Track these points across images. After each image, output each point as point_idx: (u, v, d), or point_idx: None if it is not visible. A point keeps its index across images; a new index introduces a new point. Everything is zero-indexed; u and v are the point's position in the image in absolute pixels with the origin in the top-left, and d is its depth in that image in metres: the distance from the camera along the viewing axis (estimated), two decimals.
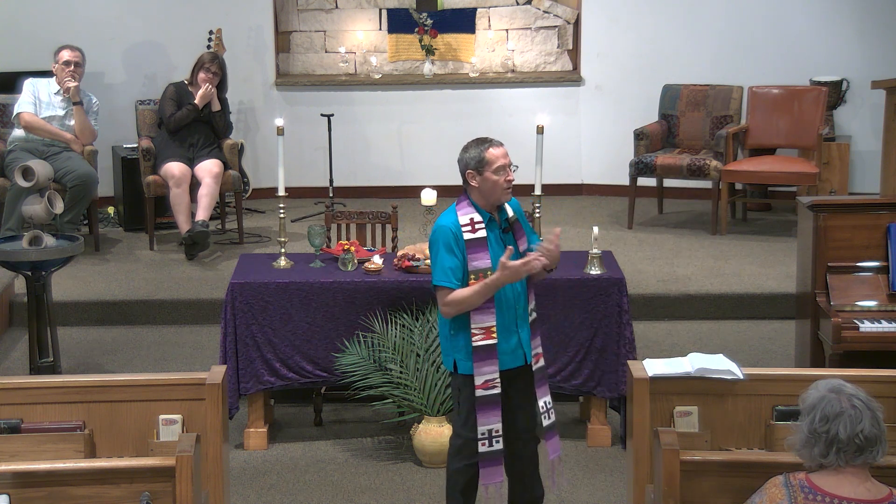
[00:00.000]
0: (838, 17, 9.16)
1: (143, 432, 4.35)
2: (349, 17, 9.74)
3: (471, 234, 4.70)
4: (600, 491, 5.38)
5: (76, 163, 7.87)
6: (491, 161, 4.71)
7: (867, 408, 3.41)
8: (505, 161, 4.73)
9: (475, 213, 4.73)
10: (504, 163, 4.72)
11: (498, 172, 4.71)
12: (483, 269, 4.68)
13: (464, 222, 4.71)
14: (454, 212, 4.74)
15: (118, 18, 9.18)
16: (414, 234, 7.67)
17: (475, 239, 4.70)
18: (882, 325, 5.50)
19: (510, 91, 9.51)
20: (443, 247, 4.68)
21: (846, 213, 5.73)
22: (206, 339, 6.94)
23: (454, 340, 4.74)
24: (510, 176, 4.74)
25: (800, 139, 8.63)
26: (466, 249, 4.69)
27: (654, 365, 4.52)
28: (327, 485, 5.48)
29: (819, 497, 3.41)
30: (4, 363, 6.71)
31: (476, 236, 4.70)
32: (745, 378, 4.40)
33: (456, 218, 4.72)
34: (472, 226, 4.71)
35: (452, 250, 4.68)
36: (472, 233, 4.70)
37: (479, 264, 4.69)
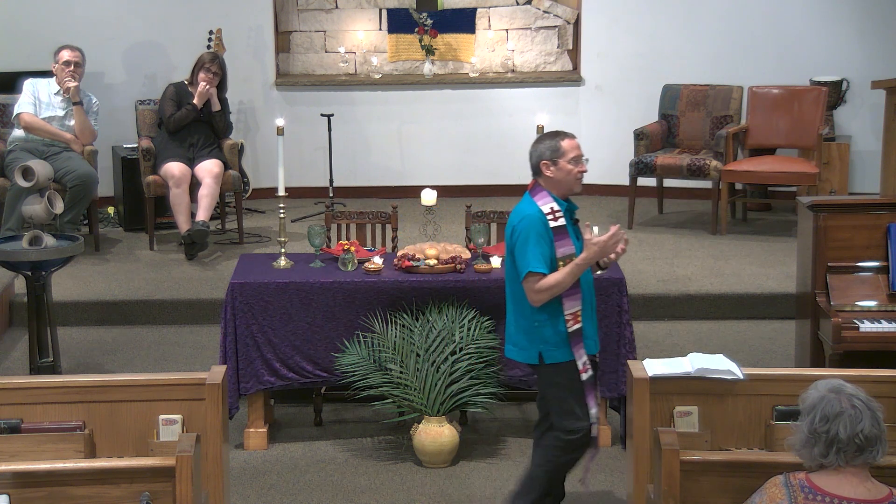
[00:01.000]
0: (838, 17, 9.16)
1: (143, 432, 4.35)
2: (349, 17, 9.74)
3: (554, 222, 4.81)
4: (600, 491, 5.38)
5: (76, 163, 7.87)
6: (567, 151, 4.83)
7: (867, 408, 3.41)
8: (579, 152, 4.86)
9: (553, 203, 4.84)
10: (578, 153, 4.85)
11: (573, 162, 4.83)
12: (569, 255, 4.81)
13: (546, 210, 4.82)
14: (533, 202, 4.84)
15: (118, 18, 9.18)
16: (414, 234, 7.68)
17: (558, 227, 4.82)
18: (882, 325, 5.50)
19: (510, 91, 9.51)
20: (534, 235, 4.77)
21: (846, 213, 5.73)
22: (206, 339, 6.95)
23: (540, 331, 4.81)
24: (584, 167, 4.86)
25: (800, 139, 8.63)
26: (554, 237, 4.80)
27: (655, 365, 4.52)
28: (327, 485, 5.48)
29: (819, 497, 3.41)
30: (4, 363, 6.71)
31: (559, 224, 4.82)
32: (745, 378, 4.40)
33: (538, 207, 4.82)
34: (553, 214, 4.82)
35: (542, 238, 4.78)
36: (554, 221, 4.82)
37: (566, 250, 4.81)
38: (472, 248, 5.96)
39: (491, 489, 5.42)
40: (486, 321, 5.69)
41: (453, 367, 5.60)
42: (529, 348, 4.84)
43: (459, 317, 5.67)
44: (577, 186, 4.89)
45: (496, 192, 9.35)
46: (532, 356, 4.84)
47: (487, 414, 5.99)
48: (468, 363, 5.61)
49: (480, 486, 5.44)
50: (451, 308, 5.69)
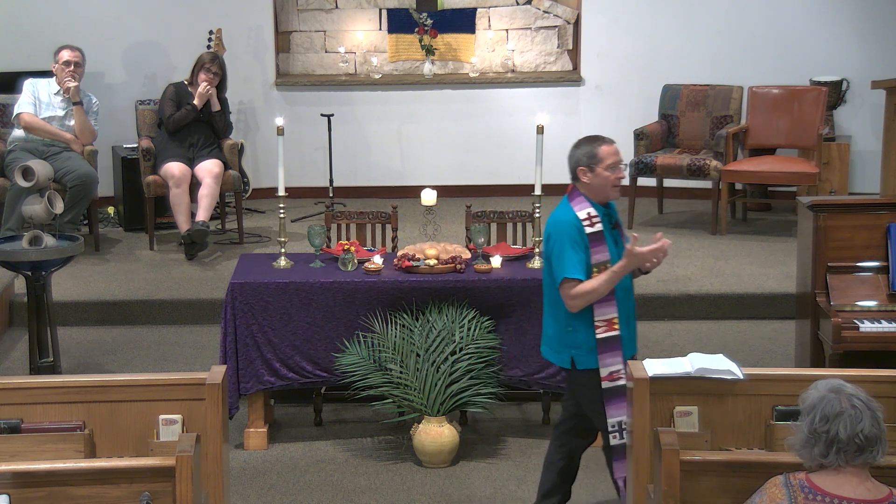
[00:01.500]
0: (838, 17, 9.16)
1: (143, 432, 4.34)
2: (349, 17, 9.74)
3: (590, 227, 4.80)
4: (600, 491, 5.38)
5: (76, 163, 7.87)
6: (604, 157, 4.80)
7: (867, 408, 3.41)
8: (617, 159, 4.82)
9: (591, 208, 4.82)
10: (616, 160, 4.82)
11: (610, 169, 4.80)
12: (603, 262, 4.79)
13: (582, 216, 4.80)
14: (569, 207, 4.83)
15: (118, 18, 9.18)
16: (414, 234, 7.68)
17: (594, 233, 4.80)
18: (882, 325, 5.50)
19: (510, 91, 9.51)
20: (568, 241, 4.76)
21: (846, 213, 5.73)
22: (206, 339, 6.94)
23: (572, 337, 4.81)
24: (621, 174, 4.83)
25: (800, 139, 8.63)
26: (590, 243, 4.78)
27: (654, 365, 4.52)
28: (327, 485, 5.48)
29: (819, 497, 3.41)
30: (4, 363, 6.71)
31: (595, 230, 4.80)
32: (745, 378, 4.40)
33: (574, 213, 4.81)
34: (590, 220, 4.80)
35: (577, 244, 4.76)
36: (591, 227, 4.80)
37: (600, 257, 4.79)
38: (472, 248, 5.96)
39: (491, 489, 5.42)
40: (486, 321, 5.69)
41: (453, 367, 5.60)
42: (562, 352, 4.86)
43: (459, 317, 5.67)
44: (613, 193, 4.85)
45: (496, 192, 9.35)
46: (564, 360, 4.86)
47: (487, 414, 5.99)
48: (468, 363, 5.61)
49: (480, 486, 5.44)
50: (451, 308, 5.69)
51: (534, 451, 5.76)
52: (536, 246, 5.91)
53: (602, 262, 4.79)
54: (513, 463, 5.66)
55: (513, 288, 5.70)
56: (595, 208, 4.82)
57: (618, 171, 4.82)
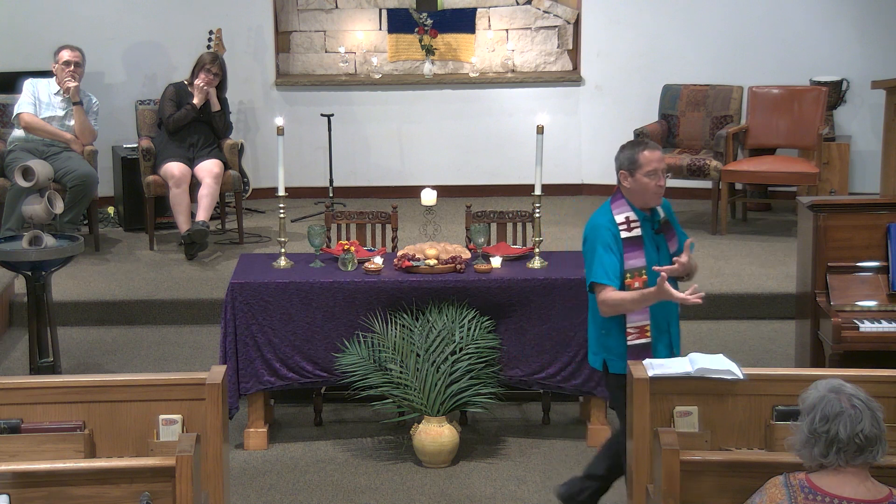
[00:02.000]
0: (838, 17, 9.16)
1: (143, 432, 4.34)
2: (349, 17, 9.74)
3: (627, 232, 4.76)
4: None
5: (76, 163, 7.87)
6: (643, 164, 4.76)
7: (867, 407, 3.41)
8: (658, 165, 4.77)
9: (630, 212, 4.79)
10: (657, 167, 4.77)
11: (650, 176, 4.75)
12: (638, 268, 4.75)
13: (620, 220, 4.77)
14: (609, 210, 4.80)
15: (118, 18, 9.18)
16: (414, 234, 7.67)
17: (631, 237, 4.76)
18: (882, 325, 5.49)
19: (510, 91, 9.51)
20: (600, 245, 4.73)
21: (846, 213, 5.72)
22: (206, 339, 6.94)
23: (606, 340, 4.80)
24: (661, 181, 4.77)
25: (800, 139, 8.63)
26: (624, 248, 4.75)
27: (655, 365, 4.52)
28: (327, 485, 5.48)
29: (819, 497, 3.41)
30: (4, 363, 6.71)
31: (632, 235, 4.76)
32: (745, 378, 4.40)
33: (612, 216, 4.77)
34: (627, 224, 4.77)
35: (611, 248, 4.73)
36: (627, 231, 4.76)
37: (635, 263, 4.76)
38: (472, 248, 5.96)
39: (491, 489, 5.42)
40: (486, 321, 5.69)
41: (453, 367, 5.60)
42: (598, 354, 4.87)
43: (459, 317, 5.67)
44: (653, 200, 4.80)
45: (496, 192, 9.35)
46: (598, 362, 4.87)
47: (487, 414, 5.99)
48: (468, 363, 5.61)
49: (480, 486, 5.44)
50: (451, 308, 5.69)
51: (534, 451, 5.76)
52: (536, 246, 5.91)
53: (637, 269, 4.76)
54: (513, 463, 5.66)
55: (513, 288, 5.70)
56: (635, 213, 4.79)
57: (658, 177, 4.76)
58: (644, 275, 4.76)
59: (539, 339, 5.72)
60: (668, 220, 4.88)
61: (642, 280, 4.78)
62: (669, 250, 4.84)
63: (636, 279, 4.76)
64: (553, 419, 6.06)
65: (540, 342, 5.72)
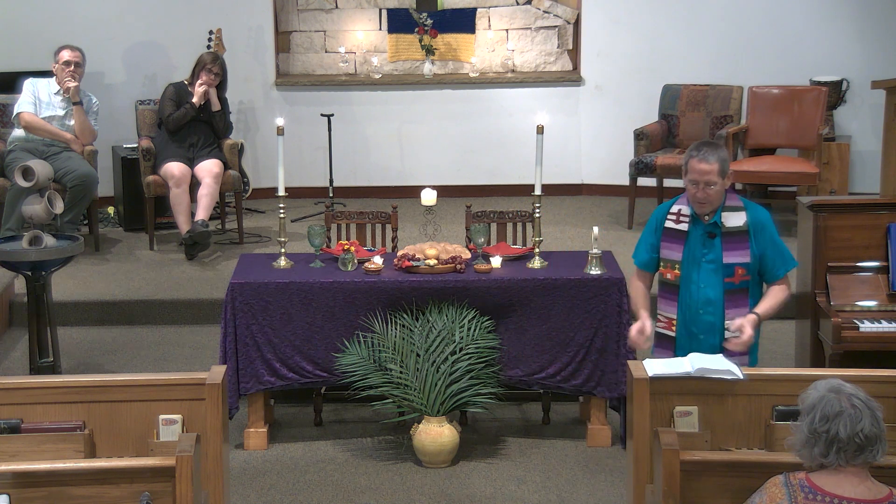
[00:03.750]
0: (838, 17, 9.16)
1: (143, 432, 4.35)
2: (349, 17, 9.74)
3: (673, 224, 4.93)
4: (600, 491, 5.38)
5: (76, 163, 7.87)
6: (688, 171, 4.88)
7: (867, 407, 3.41)
8: (698, 177, 4.83)
9: (685, 207, 4.93)
10: (696, 178, 4.84)
11: (691, 184, 4.86)
12: (672, 261, 4.92)
13: (673, 210, 4.94)
14: (676, 198, 4.99)
15: (118, 18, 9.18)
16: (414, 234, 7.67)
17: (675, 229, 4.92)
18: (882, 325, 5.50)
19: (510, 91, 9.51)
20: (648, 225, 5.03)
21: (846, 213, 5.73)
22: (206, 339, 6.94)
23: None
24: (700, 192, 4.84)
25: (800, 139, 8.63)
26: (663, 236, 4.94)
27: (654, 365, 4.53)
28: (327, 485, 5.48)
29: (819, 497, 3.41)
30: (4, 363, 6.71)
31: (677, 227, 4.92)
32: (745, 378, 4.40)
33: (670, 204, 4.98)
34: (677, 217, 4.93)
35: (651, 230, 4.99)
36: (675, 223, 4.93)
37: (670, 254, 4.93)
38: (472, 248, 5.96)
39: (491, 489, 5.42)
40: (486, 321, 5.69)
41: (453, 367, 5.60)
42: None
43: (459, 317, 5.67)
44: (697, 208, 4.89)
45: (496, 192, 9.36)
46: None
47: (487, 414, 5.99)
48: (468, 363, 5.61)
49: (480, 486, 5.44)
50: (451, 308, 5.69)
51: (534, 451, 5.76)
52: (536, 246, 5.91)
53: (671, 260, 4.93)
54: (513, 463, 5.66)
55: (513, 288, 5.70)
56: (690, 208, 4.92)
57: (697, 188, 4.83)
58: (677, 269, 4.89)
59: (539, 339, 5.72)
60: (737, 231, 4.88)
61: (675, 273, 4.94)
62: (724, 259, 4.87)
63: (668, 270, 4.95)
64: (553, 419, 6.06)
65: (540, 342, 5.72)
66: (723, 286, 4.88)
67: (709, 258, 4.87)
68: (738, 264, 4.86)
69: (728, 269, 4.86)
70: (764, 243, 4.92)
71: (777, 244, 4.95)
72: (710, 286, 4.88)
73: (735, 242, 4.87)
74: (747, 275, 4.90)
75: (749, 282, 4.92)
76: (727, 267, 4.86)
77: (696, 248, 4.86)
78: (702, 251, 4.88)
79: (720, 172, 4.83)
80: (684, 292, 4.88)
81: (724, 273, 4.86)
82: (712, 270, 4.88)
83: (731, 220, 4.89)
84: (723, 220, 4.89)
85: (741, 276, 4.88)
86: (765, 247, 4.92)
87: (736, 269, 4.86)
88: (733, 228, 4.87)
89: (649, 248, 5.03)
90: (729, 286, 4.88)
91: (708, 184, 4.82)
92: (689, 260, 4.87)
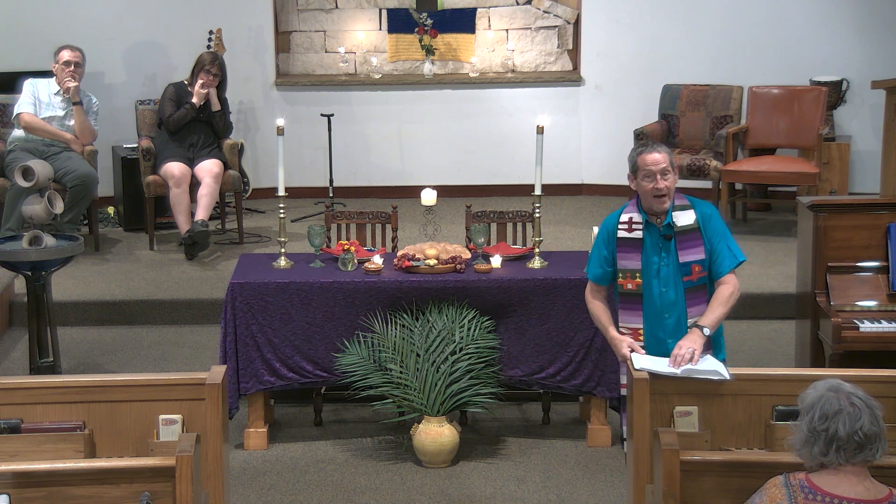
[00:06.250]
0: (838, 17, 9.16)
1: (143, 432, 4.35)
2: (349, 17, 9.74)
3: (626, 233, 4.84)
4: (600, 491, 5.38)
5: (76, 163, 7.87)
6: (640, 167, 4.80)
7: (866, 405, 3.42)
8: (653, 168, 4.76)
9: (636, 214, 4.86)
10: (652, 170, 4.76)
11: (646, 179, 4.78)
12: (631, 270, 4.84)
13: (623, 220, 4.86)
14: (623, 208, 4.91)
15: (118, 18, 9.19)
16: (414, 234, 7.67)
17: (629, 238, 4.84)
18: (882, 325, 5.50)
19: (510, 91, 9.51)
20: (598, 239, 4.95)
21: (846, 213, 5.73)
22: (206, 339, 6.94)
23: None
24: (659, 183, 4.76)
25: (800, 139, 8.63)
26: (618, 247, 4.85)
27: (642, 360, 4.56)
28: (327, 485, 5.48)
29: (819, 497, 3.41)
30: (4, 363, 6.71)
31: (630, 236, 4.84)
32: (731, 378, 4.40)
33: (618, 214, 4.89)
34: (629, 225, 4.85)
35: (602, 243, 4.90)
36: (627, 232, 4.84)
37: (628, 264, 4.85)
38: (472, 248, 5.96)
39: (491, 489, 5.42)
40: (486, 321, 5.69)
41: (453, 367, 5.60)
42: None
43: (459, 317, 5.67)
44: (655, 203, 4.80)
45: (496, 192, 9.36)
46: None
47: (487, 414, 5.99)
48: (468, 363, 5.61)
49: (480, 486, 5.44)
50: (451, 308, 5.69)
51: (534, 451, 5.76)
52: (536, 246, 5.91)
53: (629, 270, 4.83)
54: (513, 463, 5.65)
55: (513, 288, 5.70)
56: (641, 215, 4.83)
57: (655, 180, 4.75)
58: (638, 277, 4.80)
59: (539, 339, 5.72)
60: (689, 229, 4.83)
61: (635, 282, 4.86)
62: (679, 259, 4.82)
63: (628, 280, 4.85)
64: (553, 419, 6.06)
65: (540, 342, 5.72)
66: (682, 285, 4.86)
67: (667, 261, 4.84)
68: (694, 262, 4.82)
69: (685, 268, 4.83)
70: (712, 235, 4.86)
71: (725, 238, 4.87)
72: (671, 288, 4.86)
73: (689, 241, 4.84)
74: (703, 271, 4.86)
75: (706, 277, 4.88)
76: (684, 266, 4.83)
77: (652, 253, 4.82)
78: (660, 255, 4.85)
79: (671, 162, 4.82)
80: (647, 299, 4.85)
81: (682, 272, 4.83)
82: (671, 273, 4.86)
83: (682, 218, 4.85)
84: (674, 220, 4.85)
85: (698, 274, 4.85)
86: (712, 239, 4.86)
87: (693, 267, 4.83)
88: (685, 227, 4.84)
89: (602, 261, 4.93)
90: (688, 284, 4.85)
91: (664, 172, 4.78)
92: (647, 267, 4.84)
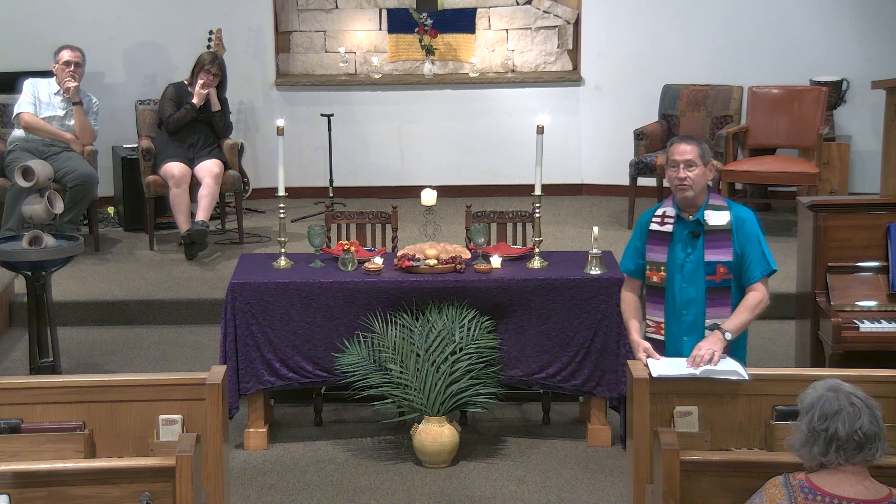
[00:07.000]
0: (838, 17, 9.16)
1: (143, 432, 4.35)
2: (349, 17, 9.74)
3: (658, 226, 4.91)
4: (600, 491, 5.38)
5: (76, 163, 7.87)
6: (669, 155, 4.88)
7: (865, 405, 3.42)
8: (678, 158, 4.82)
9: (671, 208, 4.92)
10: (676, 159, 4.83)
11: (669, 167, 4.86)
12: (657, 263, 4.90)
13: (658, 213, 4.93)
14: (661, 203, 5.00)
15: (118, 18, 9.19)
16: (414, 234, 7.67)
17: (659, 231, 4.90)
18: (882, 325, 5.50)
19: (510, 91, 9.51)
20: (633, 232, 5.04)
21: (846, 213, 5.73)
22: (206, 339, 6.95)
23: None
24: (680, 173, 4.81)
25: (800, 139, 8.63)
26: (648, 239, 4.91)
27: (659, 366, 4.53)
28: (327, 485, 5.48)
29: (819, 497, 3.41)
30: (4, 363, 6.71)
31: (661, 229, 4.90)
32: (750, 379, 4.41)
33: (655, 208, 4.98)
34: (662, 218, 4.91)
35: (636, 236, 4.99)
36: (659, 225, 4.90)
37: (655, 257, 4.91)
38: (472, 248, 5.96)
39: (491, 489, 5.42)
40: (486, 321, 5.69)
41: (453, 367, 5.60)
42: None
43: (459, 317, 5.67)
44: (678, 192, 4.86)
45: (496, 192, 9.36)
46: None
47: (487, 414, 5.99)
48: (468, 363, 5.61)
49: (480, 486, 5.44)
50: (451, 308, 5.69)
51: (534, 451, 5.76)
52: (536, 246, 5.91)
53: (656, 263, 4.89)
54: (513, 463, 5.66)
55: (513, 288, 5.70)
56: (675, 209, 4.90)
57: (677, 169, 4.81)
58: (662, 270, 4.85)
59: (539, 339, 5.72)
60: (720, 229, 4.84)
61: (660, 276, 4.91)
62: (706, 257, 4.83)
63: (654, 272, 4.91)
64: (553, 419, 6.06)
65: (540, 342, 5.72)
66: (704, 284, 4.86)
67: (692, 258, 4.85)
68: (720, 262, 4.82)
69: (710, 267, 4.83)
70: (745, 240, 4.86)
71: (759, 244, 4.87)
72: (693, 285, 4.86)
73: (717, 241, 4.84)
74: (729, 273, 4.84)
75: (731, 280, 4.87)
76: (708, 265, 4.83)
77: (678, 248, 4.84)
78: (686, 251, 4.86)
79: (700, 155, 4.82)
80: (669, 294, 4.87)
81: (706, 271, 4.83)
82: (694, 269, 4.86)
83: (714, 218, 4.86)
84: (706, 219, 4.86)
85: (723, 275, 4.84)
86: (745, 244, 4.85)
87: (717, 268, 4.83)
88: (716, 227, 4.84)
89: (636, 254, 5.00)
90: (710, 284, 4.84)
91: (688, 164, 4.80)
92: (672, 261, 4.85)
